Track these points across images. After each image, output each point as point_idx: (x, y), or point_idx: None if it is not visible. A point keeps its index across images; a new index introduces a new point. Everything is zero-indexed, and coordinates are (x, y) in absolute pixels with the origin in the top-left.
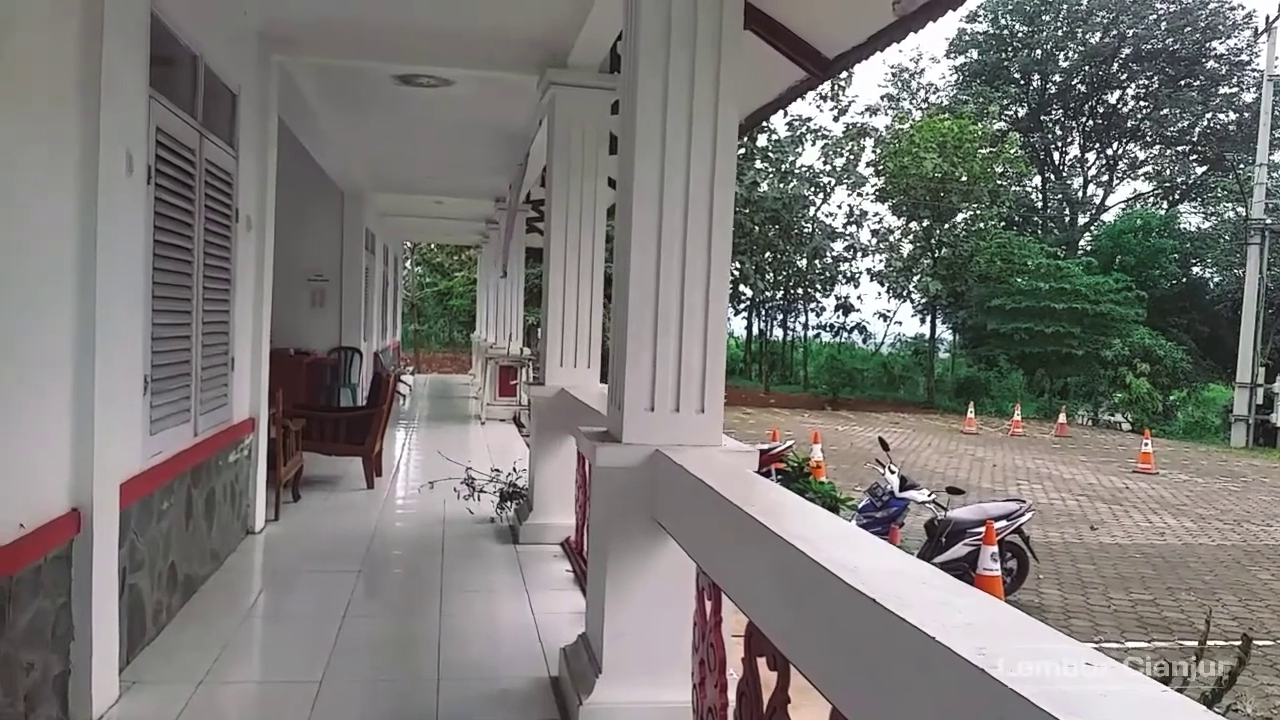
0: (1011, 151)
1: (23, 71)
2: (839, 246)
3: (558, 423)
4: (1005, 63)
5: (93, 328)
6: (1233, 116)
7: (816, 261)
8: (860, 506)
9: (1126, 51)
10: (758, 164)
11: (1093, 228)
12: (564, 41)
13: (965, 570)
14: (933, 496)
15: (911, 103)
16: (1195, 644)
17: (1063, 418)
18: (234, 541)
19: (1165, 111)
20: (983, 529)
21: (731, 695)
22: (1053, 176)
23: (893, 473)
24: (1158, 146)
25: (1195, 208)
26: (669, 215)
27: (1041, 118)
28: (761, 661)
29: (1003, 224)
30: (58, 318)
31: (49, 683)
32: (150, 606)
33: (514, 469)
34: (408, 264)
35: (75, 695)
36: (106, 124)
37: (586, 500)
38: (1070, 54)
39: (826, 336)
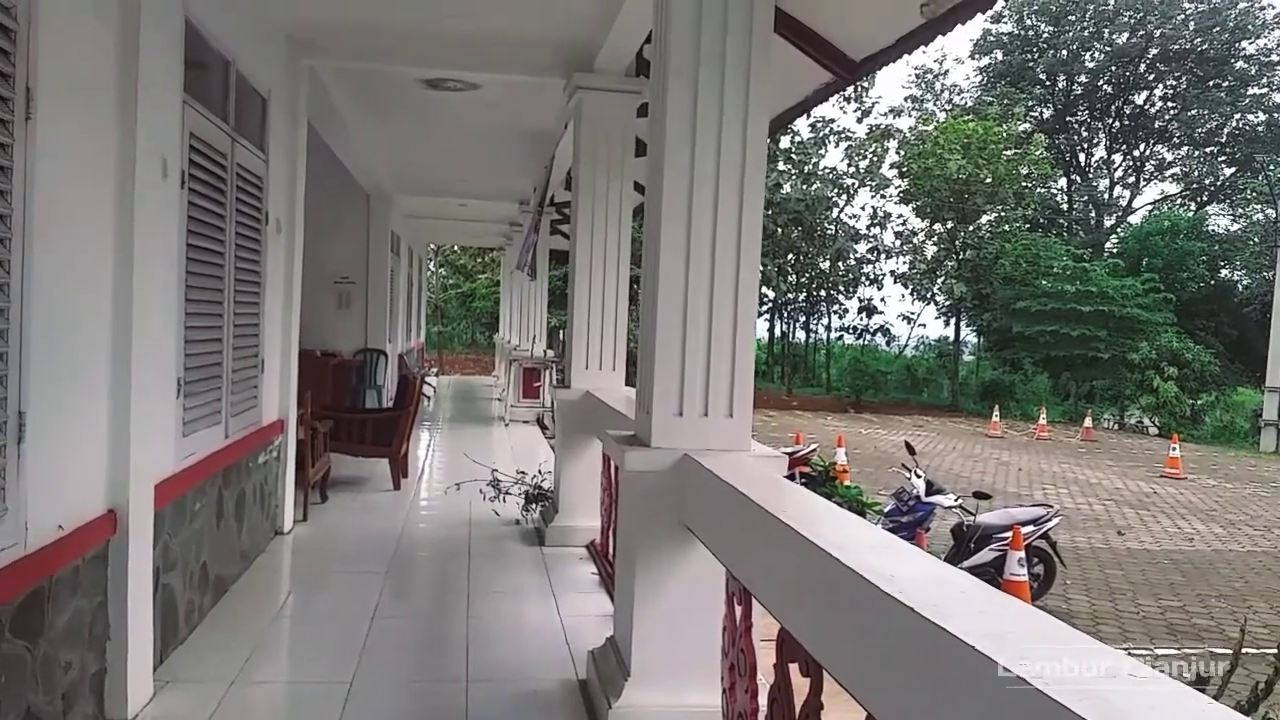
0: (1037, 153)
1: (65, 80)
2: (862, 248)
3: (583, 425)
4: (1030, 63)
5: (129, 330)
6: (1262, 117)
7: (840, 263)
8: (886, 511)
9: (1154, 52)
10: (781, 165)
11: (1119, 230)
12: (591, 45)
13: (992, 575)
14: (959, 501)
15: (935, 104)
16: (1225, 651)
17: (1088, 421)
18: (263, 542)
19: (1193, 112)
20: (1009, 534)
21: (763, 700)
22: (1078, 178)
23: (919, 477)
24: (1186, 148)
25: (1224, 209)
26: (698, 221)
27: (1067, 119)
28: (794, 667)
29: (1028, 226)
30: (95, 321)
31: (86, 681)
32: (183, 606)
33: (539, 471)
34: (431, 266)
35: (111, 694)
36: (143, 129)
37: (612, 503)
38: (1096, 54)
39: (849, 339)
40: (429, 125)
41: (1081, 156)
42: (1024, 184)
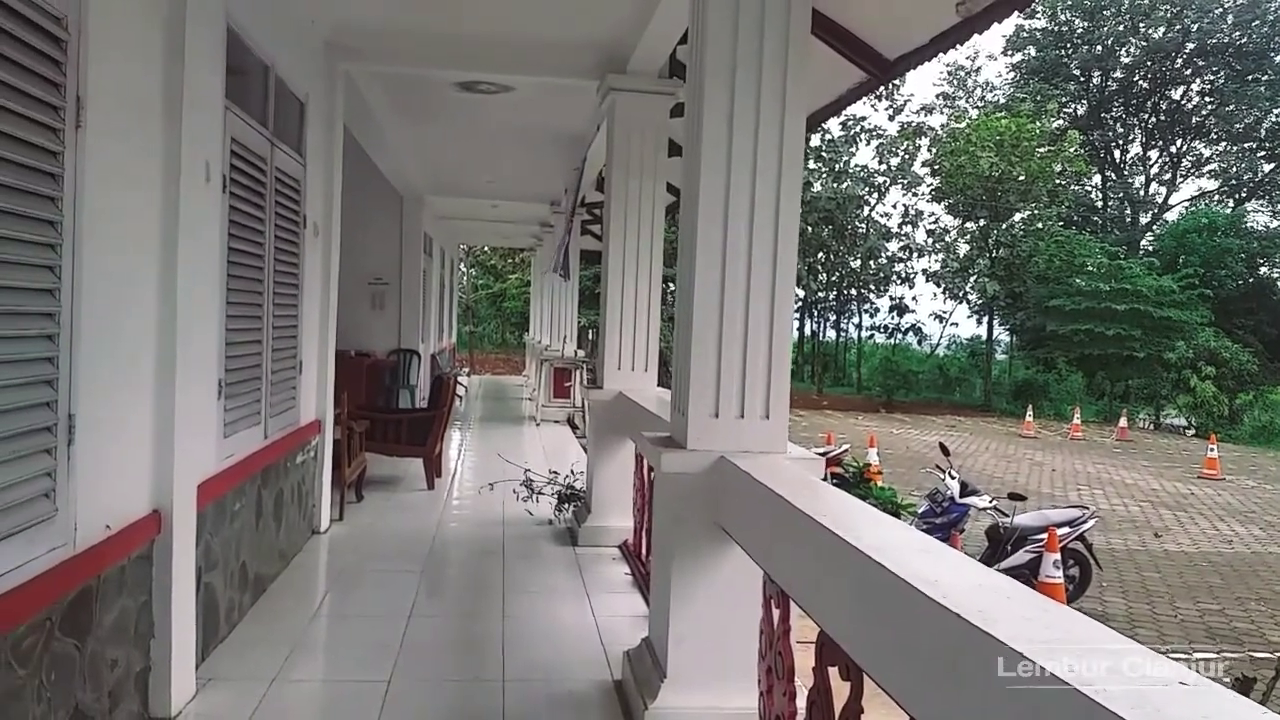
0: (1070, 150)
1: (113, 88)
2: (894, 247)
3: (615, 426)
4: (1064, 59)
5: (173, 333)
6: None
7: (871, 262)
8: (920, 512)
9: (1191, 46)
10: (811, 164)
11: (1155, 227)
12: (624, 47)
13: (1027, 577)
14: (994, 502)
15: (968, 101)
16: (1267, 655)
17: (1124, 421)
18: (300, 541)
19: (1231, 107)
20: (1045, 535)
21: (801, 703)
22: (1113, 175)
23: (953, 478)
24: (1224, 143)
25: (1263, 206)
26: (734, 223)
27: (1102, 115)
28: (833, 671)
29: (1062, 224)
30: (141, 324)
31: (131, 679)
32: (224, 605)
33: (571, 471)
34: (462, 266)
35: (155, 691)
36: (187, 135)
37: (645, 503)
38: (1132, 50)
39: (880, 338)
40: (462, 127)
41: (1117, 153)
42: (1058, 181)
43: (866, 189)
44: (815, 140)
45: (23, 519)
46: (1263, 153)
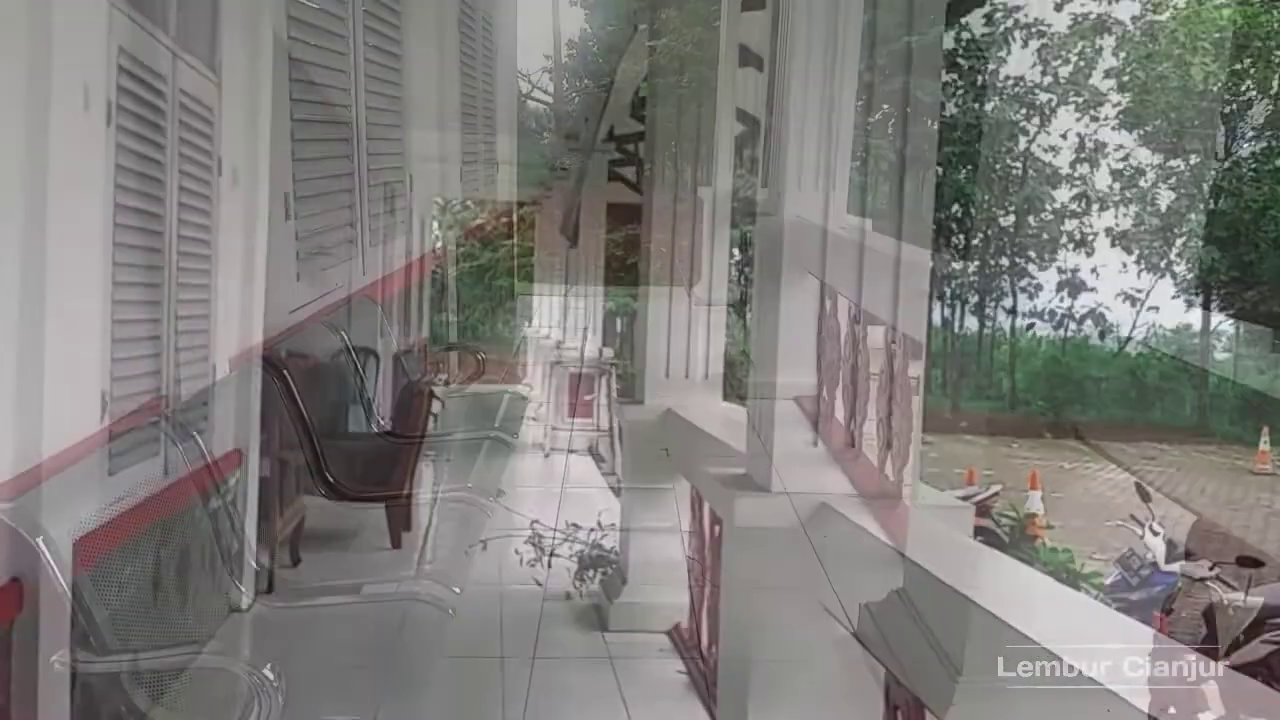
0: None
1: None
2: (1063, 196)
3: (661, 458)
4: None
5: (41, 323)
6: None
7: (1029, 219)
8: (1109, 584)
9: None
10: (943, 75)
11: None
12: None
13: (1266, 676)
14: (1215, 570)
15: None
16: None
17: None
18: (214, 623)
19: None
20: None
21: None
22: None
23: (1155, 534)
24: None
25: None
26: None
27: None
28: None
29: None
30: None
31: None
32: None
33: (598, 523)
34: (437, 228)
35: None
36: (58, 46)
37: (706, 571)
38: None
39: (1044, 329)
40: None
41: None
42: None
43: (1023, 111)
44: (949, 41)
45: None
46: None
